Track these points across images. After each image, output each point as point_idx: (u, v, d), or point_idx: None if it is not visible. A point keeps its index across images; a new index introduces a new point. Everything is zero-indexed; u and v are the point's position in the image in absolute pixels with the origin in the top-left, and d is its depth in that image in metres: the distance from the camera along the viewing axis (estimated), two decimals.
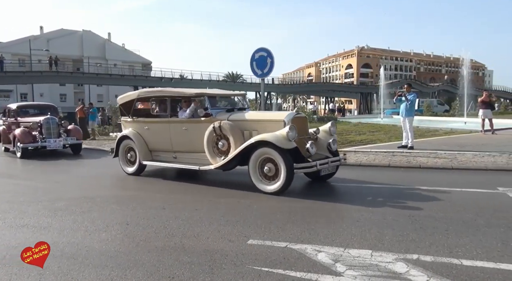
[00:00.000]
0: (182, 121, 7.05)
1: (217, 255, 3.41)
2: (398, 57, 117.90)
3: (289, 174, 5.54)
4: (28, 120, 12.27)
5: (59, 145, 11.58)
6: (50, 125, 11.72)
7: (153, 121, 7.69)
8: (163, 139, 7.31)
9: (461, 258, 3.18)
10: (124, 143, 7.95)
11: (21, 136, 11.30)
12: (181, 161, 7.15)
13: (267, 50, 12.00)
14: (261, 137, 5.80)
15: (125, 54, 70.59)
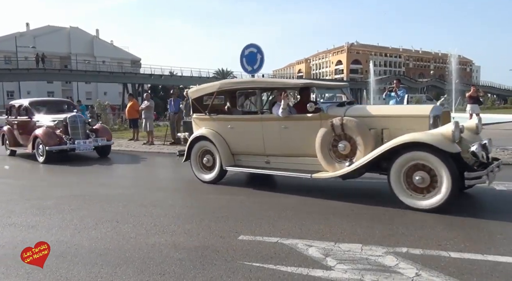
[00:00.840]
0: (280, 118, 5.64)
1: (208, 251, 3.40)
2: (387, 53, 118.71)
3: (454, 185, 4.21)
4: (48, 118, 10.39)
5: (89, 147, 9.91)
6: (77, 124, 10.04)
7: (240, 119, 6.36)
8: (253, 140, 5.98)
9: (449, 251, 3.22)
10: (198, 145, 6.57)
11: (45, 137, 9.53)
12: (276, 166, 5.85)
13: (257, 46, 11.99)
14: (411, 137, 4.43)
15: (114, 51, 69.90)
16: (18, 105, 11.47)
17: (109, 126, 20.87)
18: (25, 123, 10.78)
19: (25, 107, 11.00)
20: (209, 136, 6.36)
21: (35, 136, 9.77)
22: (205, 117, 6.61)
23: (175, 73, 58.18)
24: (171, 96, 13.65)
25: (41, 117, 10.55)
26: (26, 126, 10.67)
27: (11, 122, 11.51)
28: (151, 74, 54.77)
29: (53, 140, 9.52)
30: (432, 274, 2.78)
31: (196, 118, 6.84)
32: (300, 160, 5.57)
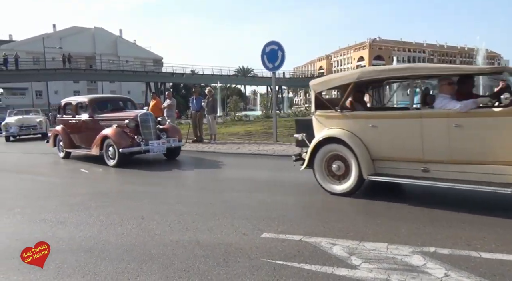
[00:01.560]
0: (450, 114, 4.44)
1: (231, 248, 3.42)
2: (411, 49, 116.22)
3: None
4: (114, 117, 9.34)
5: (162, 149, 8.78)
6: (149, 123, 8.97)
7: (390, 116, 5.11)
8: (406, 142, 4.79)
9: (479, 251, 3.12)
10: (326, 149, 5.35)
11: (116, 137, 8.47)
12: (440, 176, 4.60)
13: (278, 43, 11.96)
14: None
15: (137, 51, 71.14)
16: (76, 103, 10.29)
17: None
18: (86, 122, 9.70)
19: (85, 105, 9.88)
20: (343, 137, 5.15)
21: (103, 136, 8.70)
22: (334, 115, 5.41)
23: (197, 72, 58.70)
24: (193, 95, 13.77)
25: (107, 116, 9.49)
26: (87, 125, 9.64)
27: (67, 121, 10.39)
28: (173, 72, 55.44)
29: (125, 141, 8.45)
30: (462, 275, 2.70)
31: (320, 116, 5.60)
32: (481, 168, 4.32)
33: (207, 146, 11.64)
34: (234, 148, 10.88)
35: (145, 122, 8.94)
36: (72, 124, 10.18)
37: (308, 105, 31.27)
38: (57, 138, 10.72)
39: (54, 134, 10.87)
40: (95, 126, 9.36)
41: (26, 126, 18.45)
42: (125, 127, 8.79)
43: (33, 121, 18.86)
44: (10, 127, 18.18)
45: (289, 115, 24.16)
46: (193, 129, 13.13)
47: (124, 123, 8.79)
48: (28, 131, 18.49)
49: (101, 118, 9.45)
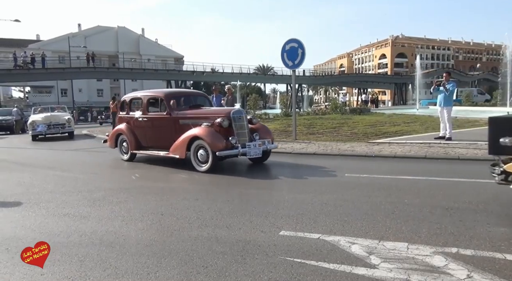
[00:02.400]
0: None
1: (249, 245, 3.43)
2: (435, 46, 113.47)
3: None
4: (200, 114, 8.02)
5: (259, 152, 7.48)
6: (243, 122, 7.64)
7: None
8: None
9: (504, 252, 3.03)
10: None
11: (211, 139, 7.14)
12: None
13: (298, 41, 11.90)
14: None
15: (158, 49, 72.08)
16: (148, 98, 8.86)
17: None
18: (161, 120, 8.35)
19: (160, 101, 8.52)
20: None
21: (192, 137, 7.40)
22: None
23: (217, 70, 58.96)
24: (213, 92, 13.86)
25: (189, 113, 8.14)
26: (163, 124, 8.32)
27: (134, 119, 8.99)
28: (193, 71, 55.90)
29: (221, 143, 7.09)
30: (485, 277, 2.63)
31: None
32: None
33: None
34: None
35: (239, 120, 7.56)
36: (142, 122, 8.79)
37: (328, 103, 30.91)
38: (120, 138, 9.37)
39: (116, 133, 9.47)
40: (173, 125, 8.06)
41: (54, 124, 17.06)
42: (216, 126, 7.38)
43: (62, 119, 17.50)
44: (37, 126, 16.74)
45: (309, 113, 23.98)
46: None
47: (217, 122, 7.36)
48: (57, 130, 17.11)
49: (183, 116, 8.02)
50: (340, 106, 25.25)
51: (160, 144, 8.42)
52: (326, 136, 12.22)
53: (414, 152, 8.45)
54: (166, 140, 8.12)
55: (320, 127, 15.01)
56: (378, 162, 7.83)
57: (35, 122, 16.81)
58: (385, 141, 10.30)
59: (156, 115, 8.60)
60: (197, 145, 7.41)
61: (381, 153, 8.52)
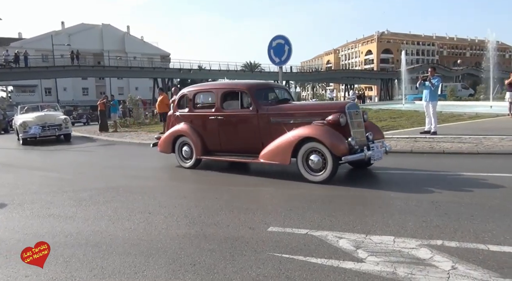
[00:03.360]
0: None
1: (237, 242, 3.42)
2: (420, 42, 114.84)
3: None
4: (304, 110, 6.51)
5: (380, 155, 6.10)
6: (360, 118, 6.19)
7: None
8: None
9: (487, 244, 3.09)
10: None
11: (331, 140, 5.58)
12: None
13: (285, 37, 11.87)
14: None
15: (144, 47, 71.35)
16: (224, 92, 7.06)
17: (140, 120, 21.43)
18: (245, 118, 6.74)
19: (242, 93, 6.86)
20: None
21: (302, 138, 5.79)
22: None
23: (204, 67, 58.75)
24: None
25: (284, 108, 6.65)
26: (247, 122, 6.70)
27: (205, 118, 7.21)
28: (180, 68, 55.54)
29: (343, 145, 5.56)
30: (470, 268, 2.68)
31: None
32: None
33: None
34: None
35: (356, 116, 6.07)
36: (214, 122, 7.04)
37: (316, 99, 31.04)
38: (179, 142, 7.57)
39: (174, 135, 7.60)
40: (262, 124, 6.48)
41: (50, 125, 14.51)
42: (329, 124, 5.81)
43: (58, 119, 15.03)
44: (30, 127, 14.08)
45: None
46: None
47: (329, 119, 5.80)
48: (53, 132, 14.59)
49: (277, 113, 6.47)
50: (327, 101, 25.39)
51: (241, 148, 6.82)
52: None
53: (400, 146, 8.54)
54: (250, 143, 6.61)
55: None
56: None
57: (26, 123, 14.20)
58: None
59: (236, 113, 6.87)
60: (309, 148, 5.77)
61: None
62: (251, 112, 6.59)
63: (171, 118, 7.96)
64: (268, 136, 6.34)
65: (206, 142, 7.22)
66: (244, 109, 6.78)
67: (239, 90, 7.01)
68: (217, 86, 7.64)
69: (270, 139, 6.27)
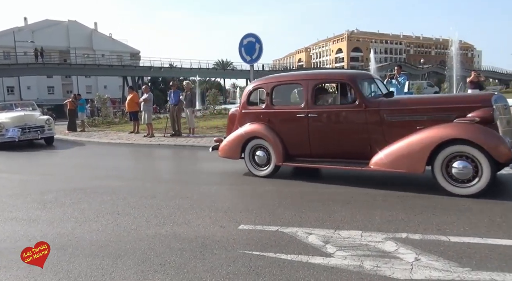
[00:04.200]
0: None
1: (208, 241, 3.41)
2: (388, 40, 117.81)
3: None
4: (432, 104, 5.24)
5: None
6: (509, 114, 5.04)
7: None
8: None
9: (448, 235, 3.22)
10: None
11: (492, 142, 4.42)
12: None
13: (255, 35, 11.90)
14: None
15: (113, 44, 69.60)
16: (315, 84, 5.74)
17: (109, 119, 20.93)
18: (350, 115, 5.47)
19: (343, 85, 5.69)
20: None
21: (443, 140, 4.54)
22: None
23: (175, 65, 57.97)
24: (170, 88, 13.60)
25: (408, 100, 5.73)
26: (352, 121, 5.46)
27: (289, 116, 5.89)
28: (150, 66, 54.63)
29: (505, 147, 4.38)
30: (431, 258, 2.79)
31: None
32: None
33: (186, 140, 11.56)
34: (213, 141, 10.81)
35: (505, 112, 4.92)
36: (303, 121, 5.68)
37: None
38: (250, 145, 6.18)
39: (246, 138, 6.17)
40: (372, 122, 5.24)
41: (30, 127, 12.38)
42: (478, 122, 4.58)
43: (39, 119, 12.94)
44: (6, 130, 12.03)
45: None
46: (171, 123, 13.00)
47: (474, 116, 4.62)
48: (35, 134, 12.43)
49: (397, 108, 5.25)
50: None
51: (339, 152, 5.53)
52: None
53: None
54: (353, 146, 5.42)
55: None
56: None
57: (2, 125, 12.11)
58: None
59: (335, 109, 5.62)
60: (452, 153, 4.54)
61: None
62: (356, 108, 5.30)
63: (236, 116, 6.58)
64: (380, 137, 5.14)
65: (288, 145, 5.86)
66: (346, 104, 5.57)
67: (337, 80, 5.87)
68: (306, 76, 6.15)
69: (383, 141, 5.10)
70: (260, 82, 6.38)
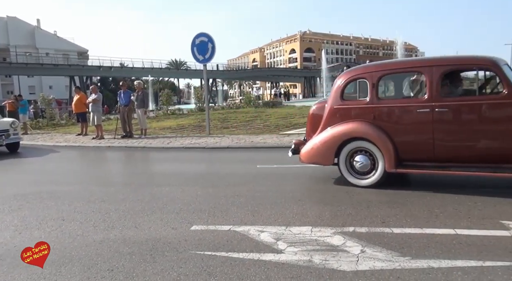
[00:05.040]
0: None
1: (159, 243, 3.35)
2: (338, 41, 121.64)
3: None
4: None
5: None
6: None
7: None
8: None
9: (392, 227, 3.40)
10: None
11: None
12: None
13: (208, 35, 11.85)
14: None
15: (58, 42, 66.08)
16: (443, 72, 4.68)
17: (55, 121, 19.87)
18: (488, 108, 4.55)
19: (479, 72, 4.79)
20: None
21: None
22: None
23: (126, 65, 56.19)
24: (120, 88, 13.17)
25: None
26: (497, 116, 4.54)
27: (406, 110, 4.89)
28: (99, 66, 52.51)
29: None
30: (376, 250, 2.92)
31: None
32: None
33: (137, 141, 11.24)
34: (165, 142, 10.62)
35: None
36: (428, 115, 4.65)
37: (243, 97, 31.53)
38: (347, 149, 5.07)
39: (343, 138, 5.07)
40: None
41: None
42: None
43: (2, 122, 10.60)
44: None
45: (223, 108, 24.12)
46: (122, 124, 12.59)
47: None
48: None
49: None
50: (254, 99, 25.82)
51: (476, 155, 4.55)
52: (240, 130, 12.41)
53: None
54: (498, 147, 4.47)
55: (234, 121, 15.18)
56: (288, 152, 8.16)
57: None
58: (295, 132, 10.79)
59: (475, 101, 4.62)
60: None
61: (291, 144, 8.87)
62: (504, 99, 4.39)
63: (317, 115, 5.58)
64: None
65: (401, 147, 4.83)
66: (489, 95, 4.81)
67: (476, 66, 4.72)
68: (429, 62, 4.94)
69: None
70: (360, 72, 5.24)
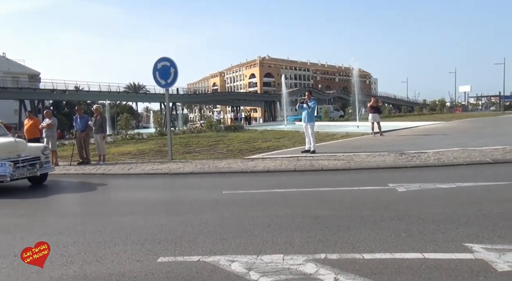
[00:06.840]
0: None
1: (124, 278, 3.16)
2: (297, 67, 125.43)
3: None
4: None
5: None
6: None
7: None
8: None
9: (362, 253, 3.42)
10: None
11: None
12: None
13: (170, 60, 11.79)
14: None
15: (6, 64, 62.87)
16: None
17: None
18: None
19: None
20: None
21: None
22: None
23: (82, 88, 54.53)
24: (76, 113, 12.68)
25: None
26: None
27: None
28: (53, 89, 50.56)
29: None
30: (349, 277, 2.91)
31: None
32: None
33: (95, 168, 10.77)
34: (126, 168, 10.26)
35: None
36: None
37: (204, 121, 31.43)
38: None
39: None
40: None
41: (24, 159, 8.15)
42: None
43: (34, 148, 8.72)
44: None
45: (184, 132, 23.83)
46: (78, 150, 12.05)
47: None
48: (32, 171, 8.18)
49: None
50: (215, 124, 25.78)
51: None
52: (203, 155, 12.27)
53: (284, 166, 9.06)
54: None
55: (197, 146, 15.01)
56: (253, 178, 8.15)
57: None
58: (258, 157, 10.82)
59: None
60: None
61: (256, 169, 8.90)
62: None
63: None
64: None
65: None
66: None
67: None
68: None
69: None
70: None
